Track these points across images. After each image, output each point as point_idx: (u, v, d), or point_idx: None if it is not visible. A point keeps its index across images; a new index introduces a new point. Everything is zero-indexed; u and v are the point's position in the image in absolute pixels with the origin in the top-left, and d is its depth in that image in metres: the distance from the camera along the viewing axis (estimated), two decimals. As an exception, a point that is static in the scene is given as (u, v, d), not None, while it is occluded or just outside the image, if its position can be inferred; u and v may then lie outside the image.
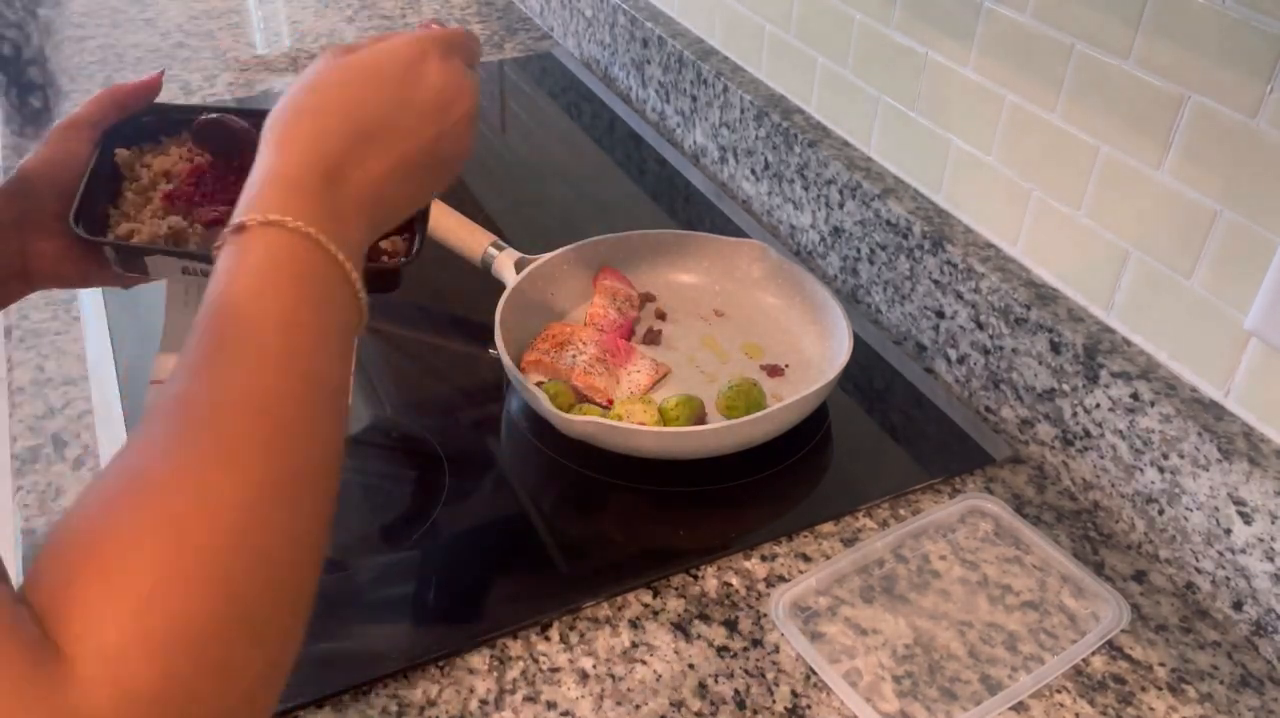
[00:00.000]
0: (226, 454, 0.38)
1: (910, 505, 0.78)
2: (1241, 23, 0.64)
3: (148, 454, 0.38)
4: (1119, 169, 0.75)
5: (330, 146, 0.48)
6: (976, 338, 0.86)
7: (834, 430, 0.84)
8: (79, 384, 0.86)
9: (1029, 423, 0.83)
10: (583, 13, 1.44)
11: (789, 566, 0.73)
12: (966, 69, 0.85)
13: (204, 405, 0.40)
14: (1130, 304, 0.77)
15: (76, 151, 0.63)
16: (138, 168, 0.70)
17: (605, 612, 0.70)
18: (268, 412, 0.40)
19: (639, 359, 0.87)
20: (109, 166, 0.68)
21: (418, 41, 0.54)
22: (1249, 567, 0.68)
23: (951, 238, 0.88)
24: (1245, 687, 0.67)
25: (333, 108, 0.49)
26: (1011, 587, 0.72)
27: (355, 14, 1.58)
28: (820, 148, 1.01)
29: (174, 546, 0.35)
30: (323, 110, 0.49)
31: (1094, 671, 0.67)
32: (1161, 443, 0.72)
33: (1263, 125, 0.65)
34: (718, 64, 1.16)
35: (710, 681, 0.66)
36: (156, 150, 0.71)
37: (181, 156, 0.70)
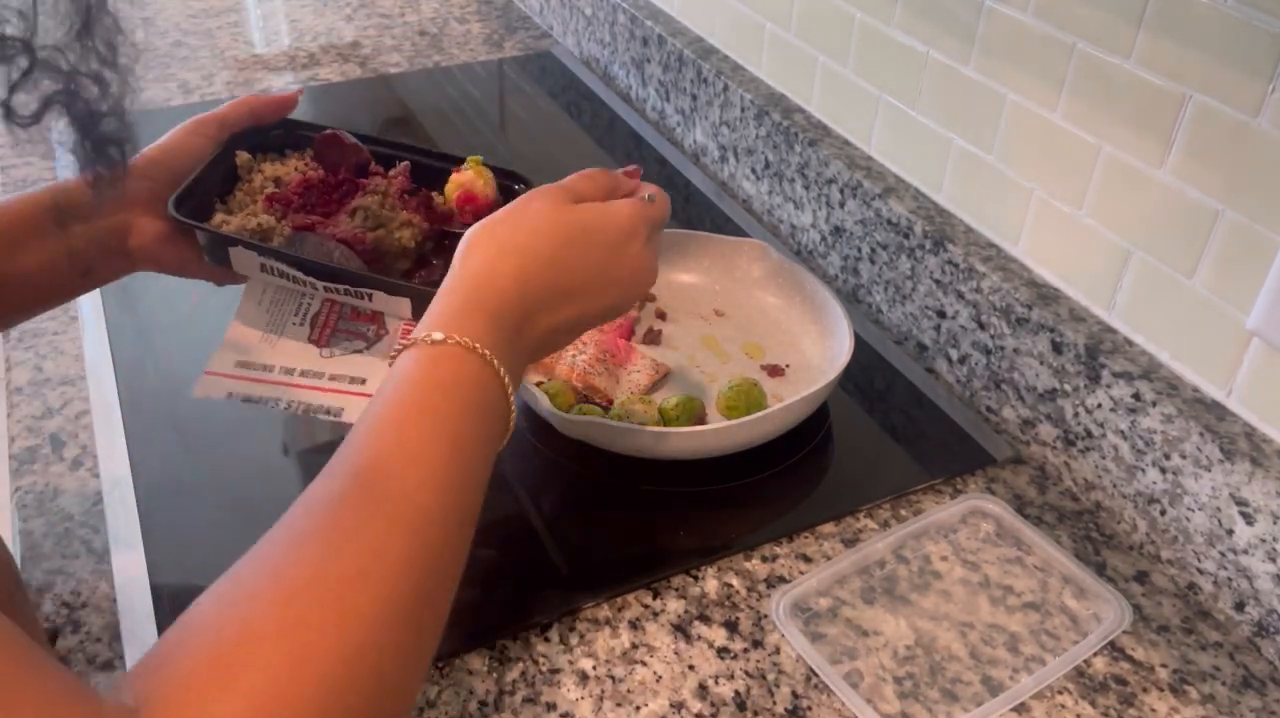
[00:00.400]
0: (368, 568, 0.39)
1: (911, 506, 0.78)
2: (1243, 22, 0.64)
3: (289, 554, 0.39)
4: (1121, 168, 0.75)
5: (532, 293, 0.52)
6: (978, 338, 0.86)
7: (835, 431, 0.84)
8: (77, 384, 0.86)
9: (1030, 423, 0.83)
10: (582, 11, 1.44)
11: (789, 566, 0.73)
12: (968, 68, 0.85)
13: (356, 513, 0.41)
14: (1132, 304, 0.77)
15: (199, 145, 0.68)
16: (254, 172, 0.74)
17: (605, 613, 0.70)
18: (416, 531, 0.41)
19: (639, 359, 0.87)
20: (227, 166, 0.73)
21: (634, 218, 0.58)
22: (1251, 567, 0.68)
23: (953, 237, 0.88)
24: (1247, 688, 0.67)
25: (544, 259, 0.54)
26: (1013, 588, 0.72)
27: (354, 13, 1.58)
28: (821, 147, 1.01)
29: (297, 657, 0.35)
30: (534, 257, 0.53)
31: (1095, 672, 0.67)
32: (1163, 443, 0.72)
33: (1264, 125, 0.65)
34: (718, 63, 1.16)
35: (710, 682, 0.66)
36: (276, 160, 0.76)
37: (296, 168, 0.76)
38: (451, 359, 0.49)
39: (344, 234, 0.70)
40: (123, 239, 0.67)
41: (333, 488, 0.43)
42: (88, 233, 0.65)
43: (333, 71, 1.40)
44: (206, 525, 0.75)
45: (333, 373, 0.71)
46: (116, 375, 0.86)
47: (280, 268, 0.69)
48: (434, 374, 0.48)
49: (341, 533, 0.40)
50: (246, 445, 0.82)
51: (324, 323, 0.73)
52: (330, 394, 0.71)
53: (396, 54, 1.46)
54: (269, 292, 0.73)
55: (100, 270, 0.68)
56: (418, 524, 0.42)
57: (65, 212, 0.64)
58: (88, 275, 0.67)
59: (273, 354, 0.72)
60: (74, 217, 0.64)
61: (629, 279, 0.58)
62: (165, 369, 0.88)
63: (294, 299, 0.73)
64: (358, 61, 1.43)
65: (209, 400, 0.69)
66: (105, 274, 0.68)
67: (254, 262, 0.69)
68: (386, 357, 0.71)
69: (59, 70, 0.44)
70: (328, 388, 0.71)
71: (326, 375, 0.71)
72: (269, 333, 0.72)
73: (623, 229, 0.57)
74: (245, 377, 0.71)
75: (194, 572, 0.72)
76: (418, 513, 0.42)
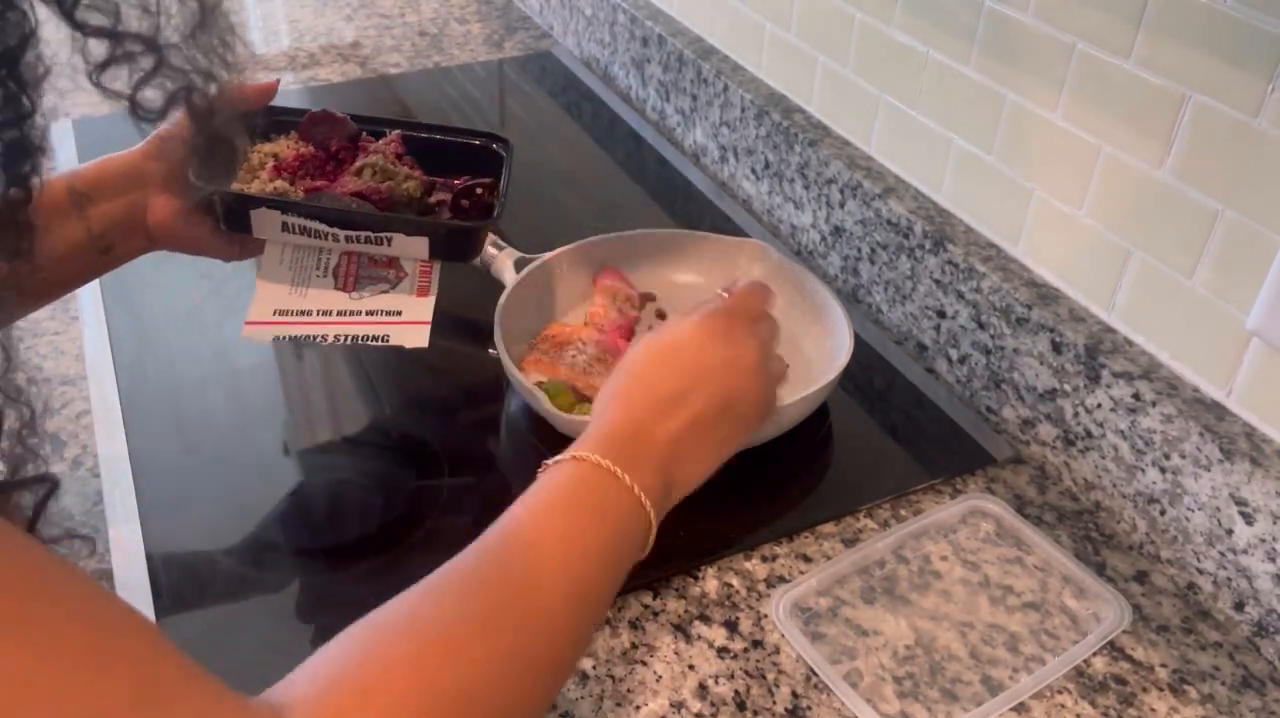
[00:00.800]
0: (485, 627, 0.45)
1: (911, 506, 0.78)
2: (1243, 22, 0.64)
3: (425, 608, 0.45)
4: (1120, 168, 0.75)
5: (636, 413, 0.58)
6: (978, 338, 0.86)
7: (835, 431, 0.84)
8: (77, 384, 0.86)
9: (1030, 423, 0.83)
10: (582, 11, 1.44)
11: (789, 566, 0.73)
12: (968, 68, 0.85)
13: (485, 586, 0.47)
14: (1132, 304, 0.77)
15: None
16: (251, 151, 0.79)
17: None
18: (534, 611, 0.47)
19: (639, 359, 0.87)
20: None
21: (707, 320, 0.63)
22: (1251, 567, 0.68)
23: (953, 237, 0.88)
24: (1247, 688, 0.67)
25: (639, 384, 0.60)
26: (1013, 587, 0.72)
27: (354, 13, 1.58)
28: (821, 147, 1.01)
29: (422, 688, 0.41)
30: (633, 387, 0.60)
31: (1095, 671, 0.67)
32: (1163, 443, 0.72)
33: (1264, 125, 0.65)
34: (718, 63, 1.16)
35: (710, 681, 0.66)
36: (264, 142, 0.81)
37: (288, 146, 0.81)
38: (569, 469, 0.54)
39: (356, 189, 0.76)
40: (140, 218, 0.70)
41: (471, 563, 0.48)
42: (106, 214, 0.68)
43: (333, 71, 1.40)
44: (207, 525, 0.75)
45: (368, 309, 0.77)
46: (116, 375, 0.86)
47: (302, 224, 0.73)
48: (552, 481, 0.53)
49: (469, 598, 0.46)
50: (246, 446, 0.82)
51: (346, 273, 0.77)
52: (372, 325, 0.77)
53: (396, 54, 1.46)
54: (288, 251, 0.77)
55: (120, 249, 0.70)
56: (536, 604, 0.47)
57: (81, 194, 0.67)
58: (108, 254, 0.70)
59: (305, 302, 0.76)
60: (90, 199, 0.67)
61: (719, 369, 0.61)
62: (165, 369, 0.88)
63: (313, 256, 0.77)
64: (358, 61, 1.43)
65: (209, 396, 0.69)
66: (125, 253, 0.71)
67: (275, 222, 0.73)
68: (413, 292, 0.78)
69: (179, 68, 0.46)
70: (367, 321, 0.77)
71: (363, 312, 0.77)
72: (296, 283, 0.77)
73: (699, 334, 0.62)
74: (285, 321, 0.76)
75: (194, 571, 0.72)
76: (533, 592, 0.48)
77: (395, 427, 0.86)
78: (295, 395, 0.88)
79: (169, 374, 0.87)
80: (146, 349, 0.90)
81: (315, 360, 0.92)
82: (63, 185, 0.67)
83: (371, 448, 0.84)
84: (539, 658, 0.47)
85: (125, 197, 0.69)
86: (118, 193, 0.69)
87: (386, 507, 0.78)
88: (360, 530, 0.76)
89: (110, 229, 0.69)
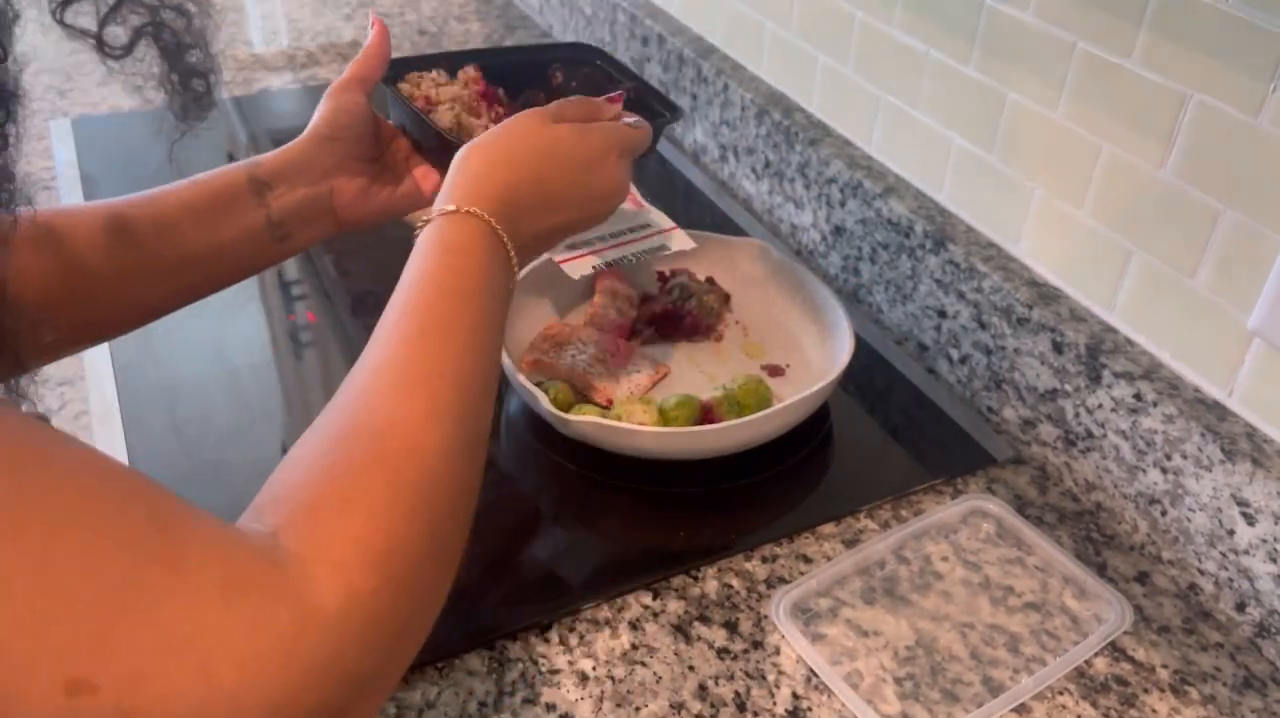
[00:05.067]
0: (432, 414, 0.46)
1: (912, 506, 0.78)
2: (1244, 22, 0.64)
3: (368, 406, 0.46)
4: (1121, 168, 0.74)
5: (518, 200, 0.59)
6: (978, 338, 0.86)
7: (835, 431, 0.84)
8: (76, 385, 0.86)
9: (1031, 423, 0.83)
10: (582, 10, 1.44)
11: (790, 567, 0.73)
12: (968, 68, 0.85)
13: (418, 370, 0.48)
14: (1133, 304, 0.76)
15: (353, 102, 0.72)
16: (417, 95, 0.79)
17: (605, 613, 0.70)
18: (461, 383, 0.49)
19: (639, 359, 0.87)
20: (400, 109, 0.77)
21: (607, 139, 0.64)
22: (1252, 568, 0.68)
23: (953, 237, 0.88)
24: (1248, 689, 0.66)
25: (529, 172, 0.60)
26: (1013, 588, 0.72)
27: (353, 12, 1.58)
28: (821, 146, 1.00)
29: (392, 483, 0.43)
30: (521, 169, 0.60)
31: (1096, 672, 0.67)
32: (1164, 444, 0.72)
33: (1265, 124, 0.64)
34: (718, 62, 1.16)
35: (710, 682, 0.65)
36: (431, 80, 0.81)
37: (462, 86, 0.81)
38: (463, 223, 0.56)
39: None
40: (325, 204, 0.71)
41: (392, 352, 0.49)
42: (287, 203, 0.69)
43: (332, 71, 1.40)
44: (206, 526, 0.75)
45: (628, 226, 0.82)
46: (116, 376, 0.86)
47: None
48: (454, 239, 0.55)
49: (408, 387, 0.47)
50: (246, 446, 0.82)
51: None
52: (647, 239, 0.82)
53: (396, 53, 1.45)
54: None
55: (297, 236, 0.71)
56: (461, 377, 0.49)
57: (262, 183, 0.68)
58: (284, 242, 0.71)
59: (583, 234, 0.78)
60: (270, 188, 0.68)
61: (600, 193, 0.64)
62: (164, 370, 0.88)
63: None
64: (357, 61, 1.43)
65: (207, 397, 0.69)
66: (302, 240, 0.72)
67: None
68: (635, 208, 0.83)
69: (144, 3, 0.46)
70: (641, 236, 0.82)
71: (626, 229, 0.81)
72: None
73: (598, 148, 0.63)
74: (584, 253, 0.79)
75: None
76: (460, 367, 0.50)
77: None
78: (295, 395, 0.88)
79: (168, 375, 0.87)
80: (145, 350, 0.90)
81: (315, 360, 0.92)
82: (244, 174, 0.68)
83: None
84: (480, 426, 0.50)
85: (307, 185, 0.70)
86: (299, 182, 0.70)
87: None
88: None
89: (290, 217, 0.69)
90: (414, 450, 0.45)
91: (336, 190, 0.71)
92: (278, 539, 0.40)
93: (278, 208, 0.69)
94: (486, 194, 0.58)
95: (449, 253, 0.55)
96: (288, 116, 1.31)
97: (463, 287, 0.53)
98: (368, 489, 0.42)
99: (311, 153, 0.70)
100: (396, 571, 0.41)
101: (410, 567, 0.42)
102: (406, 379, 0.48)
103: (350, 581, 0.39)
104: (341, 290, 0.98)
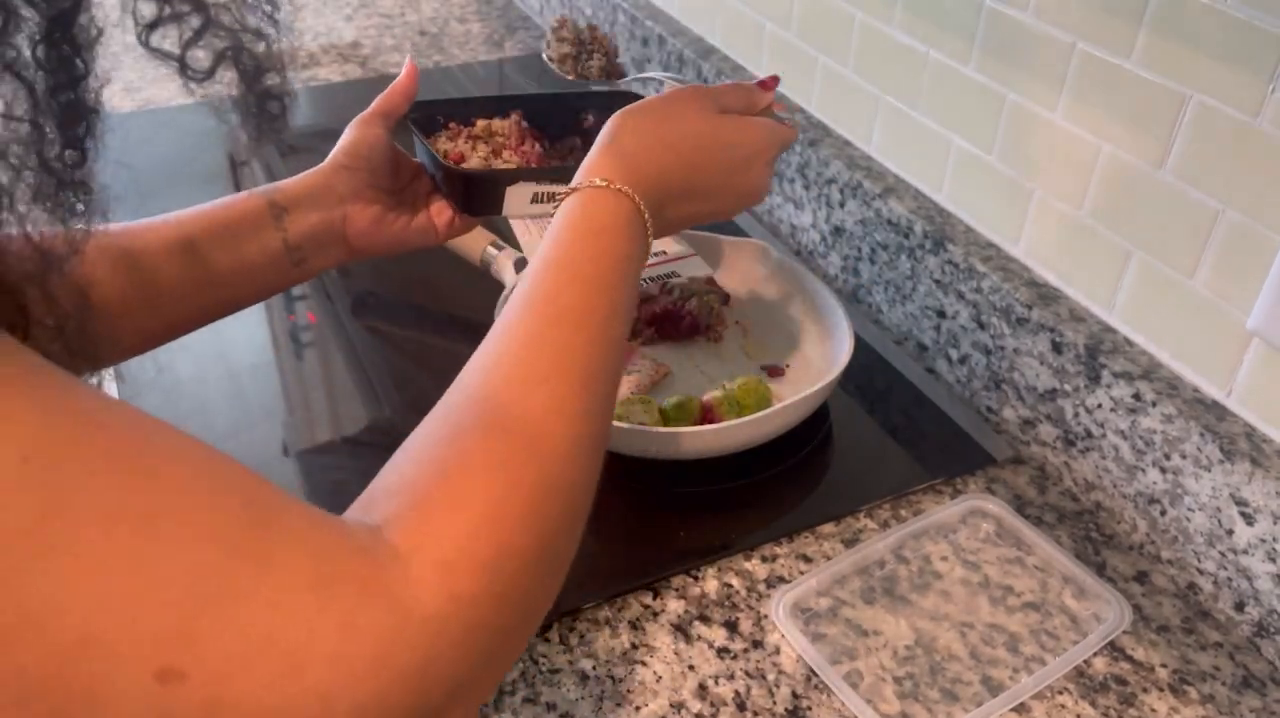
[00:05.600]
0: (558, 413, 0.45)
1: (911, 506, 0.78)
2: (1244, 22, 0.64)
3: (492, 397, 0.45)
4: (1121, 168, 0.75)
5: (669, 186, 0.59)
6: (978, 338, 0.86)
7: (835, 431, 0.84)
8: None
9: (1030, 423, 0.83)
10: (583, 11, 1.44)
11: (789, 566, 0.73)
12: (968, 68, 0.85)
13: (545, 363, 0.47)
14: (1132, 304, 0.77)
15: (375, 135, 0.74)
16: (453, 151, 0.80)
17: (605, 613, 0.70)
18: (589, 380, 0.48)
19: (639, 359, 0.87)
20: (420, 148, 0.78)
21: (768, 138, 0.65)
22: (1251, 568, 0.68)
23: (953, 237, 0.88)
24: (1247, 688, 0.67)
25: (684, 160, 0.61)
26: (1013, 588, 0.72)
27: (354, 12, 1.58)
28: (821, 147, 1.00)
29: (508, 482, 0.42)
30: (676, 156, 0.60)
31: (1095, 672, 0.67)
32: (1163, 443, 0.72)
33: (1265, 125, 0.64)
34: (718, 62, 1.16)
35: (710, 682, 0.66)
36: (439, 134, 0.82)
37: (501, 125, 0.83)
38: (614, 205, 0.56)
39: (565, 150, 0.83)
40: (339, 230, 0.72)
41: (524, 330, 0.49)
42: (302, 228, 0.70)
43: (333, 71, 1.40)
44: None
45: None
46: (116, 376, 0.86)
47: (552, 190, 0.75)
48: (597, 215, 0.55)
49: (535, 380, 0.46)
50: (247, 447, 0.82)
51: None
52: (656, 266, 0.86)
53: (396, 54, 1.46)
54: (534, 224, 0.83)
55: (313, 261, 0.72)
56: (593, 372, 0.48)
57: (281, 208, 0.70)
58: (301, 266, 0.72)
59: None
60: (288, 212, 0.70)
61: (746, 192, 0.65)
62: (166, 369, 0.88)
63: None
64: (358, 61, 1.43)
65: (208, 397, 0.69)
66: (318, 264, 0.73)
67: (526, 195, 0.75)
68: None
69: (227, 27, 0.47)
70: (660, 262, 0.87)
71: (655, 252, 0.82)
72: None
73: (755, 146, 0.64)
74: None
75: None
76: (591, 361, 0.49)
77: (395, 427, 0.86)
78: (295, 395, 0.88)
79: (169, 375, 0.87)
80: (146, 349, 0.90)
81: (315, 360, 0.92)
82: (264, 199, 0.69)
83: (371, 448, 0.84)
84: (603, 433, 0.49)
85: (321, 211, 0.71)
86: (314, 208, 0.71)
87: (386, 507, 0.77)
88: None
89: (306, 242, 0.71)
90: (535, 452, 0.44)
91: (350, 218, 0.73)
92: (383, 534, 0.39)
93: (295, 232, 0.70)
94: (641, 175, 0.57)
95: (592, 234, 0.54)
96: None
97: (602, 275, 0.53)
98: (483, 489, 0.41)
99: (328, 180, 0.72)
100: (502, 577, 0.40)
101: (517, 574, 0.41)
102: (533, 374, 0.47)
103: (453, 583, 0.38)
104: (342, 291, 0.98)
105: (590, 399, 0.48)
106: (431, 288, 0.99)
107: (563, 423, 0.45)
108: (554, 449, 0.44)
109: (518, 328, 0.49)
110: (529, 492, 0.42)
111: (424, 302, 0.99)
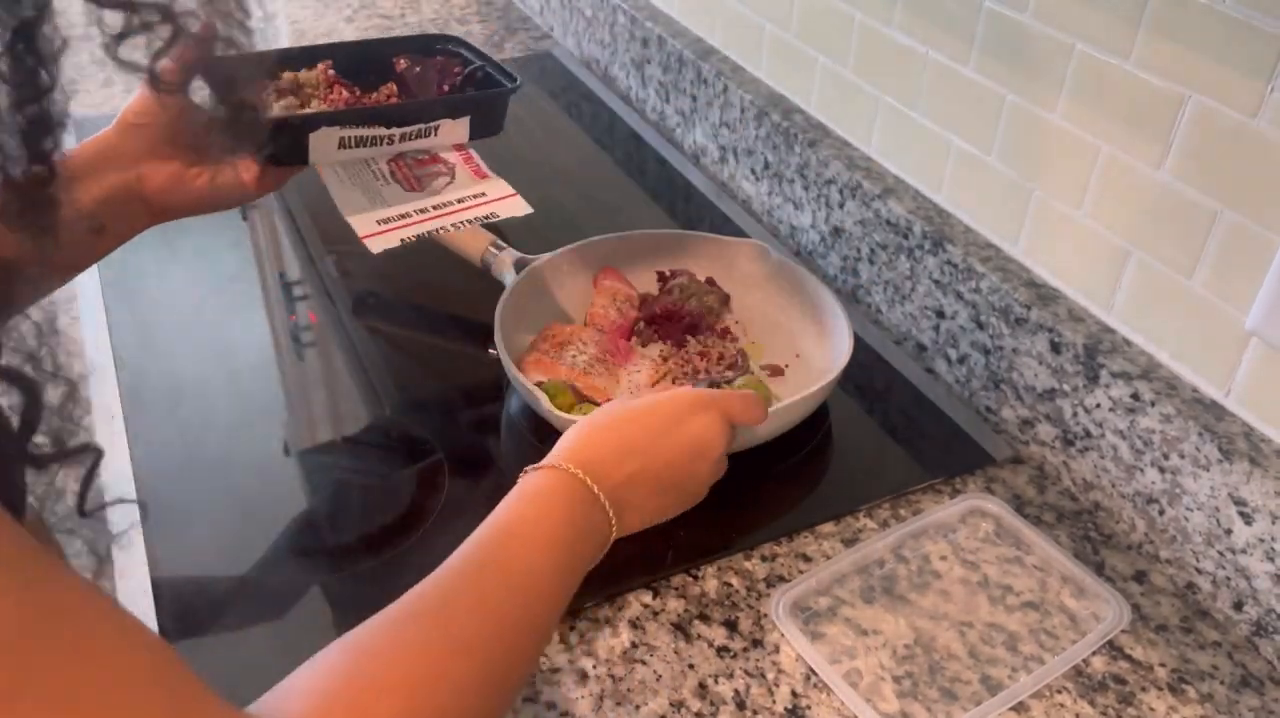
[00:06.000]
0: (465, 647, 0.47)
1: (911, 506, 0.78)
2: (1242, 22, 0.64)
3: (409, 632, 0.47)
4: (1120, 169, 0.75)
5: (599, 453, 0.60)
6: (977, 338, 0.86)
7: (834, 431, 0.84)
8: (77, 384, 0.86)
9: (1029, 423, 0.83)
10: (582, 12, 1.44)
11: (789, 566, 0.73)
12: (967, 69, 0.85)
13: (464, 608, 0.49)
14: (1131, 304, 0.77)
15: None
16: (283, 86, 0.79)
17: (605, 612, 0.70)
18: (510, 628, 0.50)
19: (639, 359, 0.87)
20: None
21: (697, 399, 0.65)
22: (1249, 567, 0.68)
23: (952, 238, 0.88)
24: (1246, 687, 0.67)
25: (609, 430, 0.63)
26: (1012, 587, 0.72)
27: (355, 14, 1.58)
28: (820, 147, 1.01)
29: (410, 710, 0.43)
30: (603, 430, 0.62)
31: (1094, 671, 0.67)
32: (1162, 443, 0.72)
33: (1263, 125, 0.65)
34: (718, 63, 1.16)
35: (710, 681, 0.66)
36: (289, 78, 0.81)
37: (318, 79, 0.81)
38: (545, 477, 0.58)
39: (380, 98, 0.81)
40: (135, 192, 0.70)
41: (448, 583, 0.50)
42: (95, 193, 0.68)
43: (333, 72, 1.40)
44: (207, 526, 0.75)
45: (457, 197, 0.79)
46: (116, 375, 0.86)
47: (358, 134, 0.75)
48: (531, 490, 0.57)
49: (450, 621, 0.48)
50: (247, 446, 0.82)
51: (404, 176, 0.79)
52: (471, 209, 0.79)
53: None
54: (343, 171, 0.79)
55: (114, 226, 0.70)
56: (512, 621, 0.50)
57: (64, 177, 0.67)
58: (101, 233, 0.70)
59: (396, 207, 0.77)
60: (76, 180, 0.67)
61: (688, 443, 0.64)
62: (165, 369, 0.88)
63: (366, 169, 0.79)
64: (358, 62, 1.43)
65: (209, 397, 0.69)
66: (121, 231, 0.71)
67: (333, 140, 0.74)
68: (473, 176, 0.81)
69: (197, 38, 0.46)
70: (463, 208, 0.79)
71: (453, 201, 0.79)
72: (372, 198, 0.78)
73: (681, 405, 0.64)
74: (395, 226, 0.77)
75: (195, 571, 0.72)
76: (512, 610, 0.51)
77: (395, 427, 0.86)
78: (295, 395, 0.89)
79: (170, 375, 0.87)
80: (147, 350, 0.90)
81: (316, 360, 0.92)
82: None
83: (371, 448, 0.84)
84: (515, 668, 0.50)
85: (112, 174, 0.69)
86: (108, 170, 0.68)
87: (386, 506, 0.78)
88: (360, 531, 0.76)
89: (101, 208, 0.68)
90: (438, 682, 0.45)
91: (145, 177, 0.70)
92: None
93: (85, 200, 0.67)
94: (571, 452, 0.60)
95: (522, 498, 0.57)
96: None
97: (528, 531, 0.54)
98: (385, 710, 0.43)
99: (119, 141, 0.69)
100: None
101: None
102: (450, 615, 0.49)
103: None
104: (343, 291, 0.98)
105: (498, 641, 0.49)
106: (431, 288, 0.99)
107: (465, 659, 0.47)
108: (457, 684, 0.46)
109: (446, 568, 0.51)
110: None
111: (424, 302, 0.99)
